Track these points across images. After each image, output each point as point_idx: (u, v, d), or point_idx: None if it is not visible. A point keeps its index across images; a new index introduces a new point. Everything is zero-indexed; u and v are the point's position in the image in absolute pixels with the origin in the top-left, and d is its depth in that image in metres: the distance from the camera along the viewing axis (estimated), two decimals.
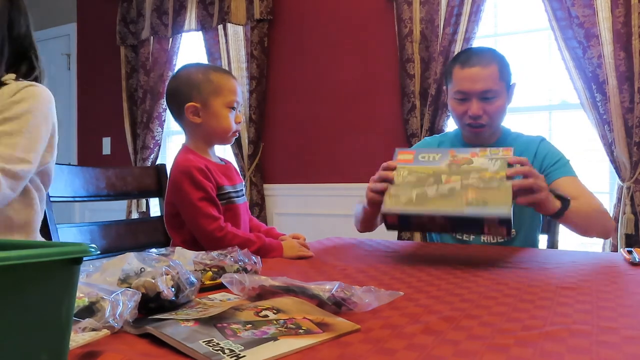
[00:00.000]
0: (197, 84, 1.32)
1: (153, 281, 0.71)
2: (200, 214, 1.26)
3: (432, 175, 1.15)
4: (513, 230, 1.22)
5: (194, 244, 1.30)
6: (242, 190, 1.42)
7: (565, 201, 1.25)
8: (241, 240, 1.25)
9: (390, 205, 1.14)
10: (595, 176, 2.55)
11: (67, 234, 1.36)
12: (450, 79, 1.54)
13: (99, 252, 0.47)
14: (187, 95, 1.32)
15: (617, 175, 2.34)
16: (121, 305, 0.63)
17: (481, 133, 1.54)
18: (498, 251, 1.38)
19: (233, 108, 1.33)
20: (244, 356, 0.55)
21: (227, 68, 3.34)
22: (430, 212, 1.12)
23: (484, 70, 1.46)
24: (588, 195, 1.44)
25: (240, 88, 1.39)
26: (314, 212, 3.06)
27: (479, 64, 1.46)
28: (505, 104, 1.53)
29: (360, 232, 1.59)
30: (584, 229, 1.41)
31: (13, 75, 1.19)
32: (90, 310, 0.62)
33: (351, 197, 2.79)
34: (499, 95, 1.48)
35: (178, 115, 1.36)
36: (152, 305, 0.70)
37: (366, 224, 1.51)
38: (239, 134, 1.40)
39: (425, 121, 2.71)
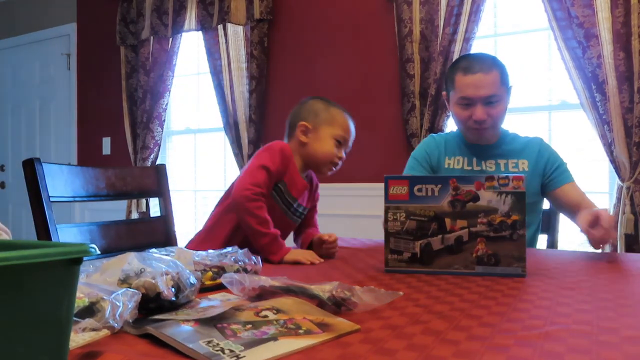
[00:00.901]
0: (316, 110, 1.43)
1: (153, 281, 0.71)
2: (254, 174, 1.30)
3: (435, 219, 1.03)
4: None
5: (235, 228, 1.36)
6: (295, 208, 1.42)
7: None
8: (261, 217, 1.27)
9: (393, 265, 1.05)
10: (595, 176, 2.55)
11: (67, 234, 1.35)
12: (453, 86, 1.57)
13: (99, 252, 0.47)
14: (304, 116, 1.44)
15: (616, 175, 2.34)
16: (121, 306, 0.63)
17: (484, 134, 1.58)
18: None
19: (340, 142, 1.41)
20: (244, 356, 0.55)
21: (227, 68, 3.34)
22: (438, 271, 1.04)
23: (486, 77, 1.50)
24: (587, 198, 1.56)
25: (354, 134, 1.45)
26: None
27: (481, 70, 1.50)
28: (506, 106, 1.57)
29: None
30: None
31: None
32: (90, 311, 0.62)
33: (351, 197, 2.79)
34: (501, 99, 1.53)
35: (290, 132, 1.46)
36: (152, 305, 0.70)
37: None
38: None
39: (425, 121, 2.70)
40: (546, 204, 1.73)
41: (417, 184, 1.05)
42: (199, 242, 1.42)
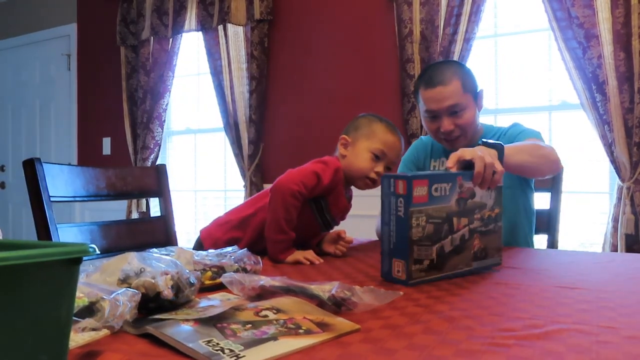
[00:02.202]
0: (359, 124, 1.43)
1: (153, 281, 0.71)
2: (307, 175, 1.31)
3: (446, 220, 1.00)
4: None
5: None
6: (329, 222, 1.41)
7: (497, 146, 1.18)
8: (291, 214, 1.28)
9: (417, 276, 0.96)
10: (596, 176, 2.55)
11: (67, 234, 1.35)
12: (419, 99, 1.59)
13: (98, 252, 0.47)
14: (348, 129, 1.45)
15: (617, 176, 2.34)
16: (121, 305, 0.62)
17: (456, 144, 1.57)
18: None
19: (377, 157, 1.37)
20: (244, 356, 0.55)
21: (227, 68, 3.34)
22: (450, 275, 1.01)
23: (446, 88, 1.50)
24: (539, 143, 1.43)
25: (400, 150, 1.41)
26: None
27: (441, 82, 1.50)
28: (475, 112, 1.56)
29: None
30: (534, 165, 1.36)
31: None
32: (90, 310, 0.62)
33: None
34: (466, 107, 1.52)
35: (338, 143, 1.46)
36: (152, 305, 0.70)
37: None
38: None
39: None
40: (545, 204, 1.72)
41: (434, 184, 0.98)
42: (229, 228, 1.42)
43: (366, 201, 2.00)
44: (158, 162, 3.69)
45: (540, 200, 1.69)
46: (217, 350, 0.56)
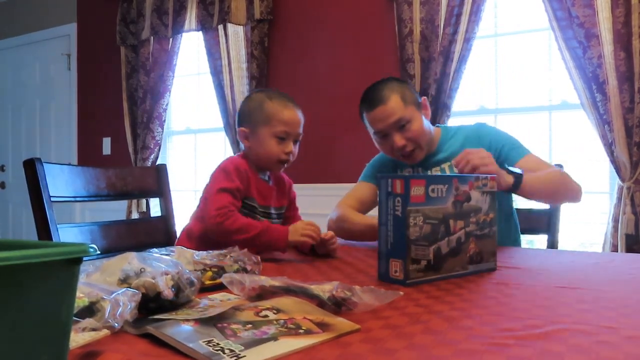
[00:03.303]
0: (250, 112, 1.39)
1: (153, 281, 0.71)
2: (216, 199, 1.28)
3: (443, 222, 1.00)
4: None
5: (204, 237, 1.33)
6: (271, 213, 1.41)
7: (518, 175, 1.30)
8: (241, 225, 1.25)
9: (415, 276, 0.96)
10: (596, 176, 2.55)
11: (67, 234, 1.35)
12: (365, 123, 1.60)
13: (98, 252, 0.47)
14: (241, 119, 1.41)
15: (617, 175, 2.34)
16: (121, 305, 0.63)
17: (414, 158, 1.57)
18: (498, 251, 1.38)
19: (282, 138, 1.35)
20: (244, 356, 0.55)
21: (227, 68, 3.34)
22: (446, 276, 1.01)
23: (386, 107, 1.50)
24: (547, 166, 1.50)
25: (301, 120, 1.39)
26: (313, 212, 3.04)
27: (380, 102, 1.51)
28: (422, 121, 1.55)
29: (343, 238, 1.58)
30: (550, 195, 1.48)
31: None
32: (90, 310, 0.62)
33: None
34: (411, 119, 1.52)
35: (238, 137, 1.43)
36: (152, 305, 0.70)
37: (362, 239, 1.54)
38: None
39: None
40: (545, 204, 1.72)
41: (431, 184, 0.99)
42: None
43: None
44: (158, 162, 3.69)
45: None
46: (217, 350, 0.56)
